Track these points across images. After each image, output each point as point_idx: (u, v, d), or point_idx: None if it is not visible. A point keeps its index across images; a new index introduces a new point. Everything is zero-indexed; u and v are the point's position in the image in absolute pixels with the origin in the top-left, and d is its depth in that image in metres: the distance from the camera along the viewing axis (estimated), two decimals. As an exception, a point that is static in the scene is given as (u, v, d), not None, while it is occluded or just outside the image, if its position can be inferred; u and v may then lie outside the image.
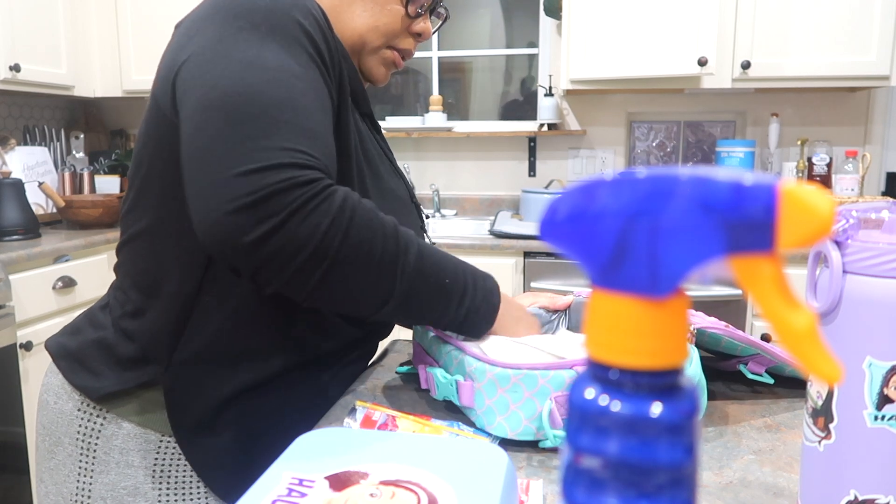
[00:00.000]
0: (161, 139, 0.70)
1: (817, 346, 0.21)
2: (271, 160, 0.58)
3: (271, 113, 0.60)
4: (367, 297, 0.65)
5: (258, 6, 0.66)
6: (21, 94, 2.78)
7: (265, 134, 0.59)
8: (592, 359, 0.24)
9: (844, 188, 2.45)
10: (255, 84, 0.61)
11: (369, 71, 0.84)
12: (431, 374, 0.74)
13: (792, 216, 0.20)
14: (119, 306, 0.77)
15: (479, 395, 0.67)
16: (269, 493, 0.41)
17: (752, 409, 0.76)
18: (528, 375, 0.65)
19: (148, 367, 0.74)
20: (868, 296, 0.44)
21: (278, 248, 0.58)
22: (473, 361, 0.68)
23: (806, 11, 2.35)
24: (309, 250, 0.59)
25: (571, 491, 0.24)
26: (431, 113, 2.93)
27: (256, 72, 0.62)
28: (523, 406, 0.65)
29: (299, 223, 0.58)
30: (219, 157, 0.58)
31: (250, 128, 0.59)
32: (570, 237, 0.24)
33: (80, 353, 0.77)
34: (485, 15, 3.08)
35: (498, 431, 0.66)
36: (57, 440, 0.77)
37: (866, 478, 0.46)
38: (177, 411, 0.74)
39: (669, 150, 2.87)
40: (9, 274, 1.97)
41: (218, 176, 0.57)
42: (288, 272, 0.60)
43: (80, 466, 0.75)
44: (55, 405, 0.77)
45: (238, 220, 0.57)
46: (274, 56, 0.64)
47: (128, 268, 0.77)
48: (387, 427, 0.66)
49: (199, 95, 0.62)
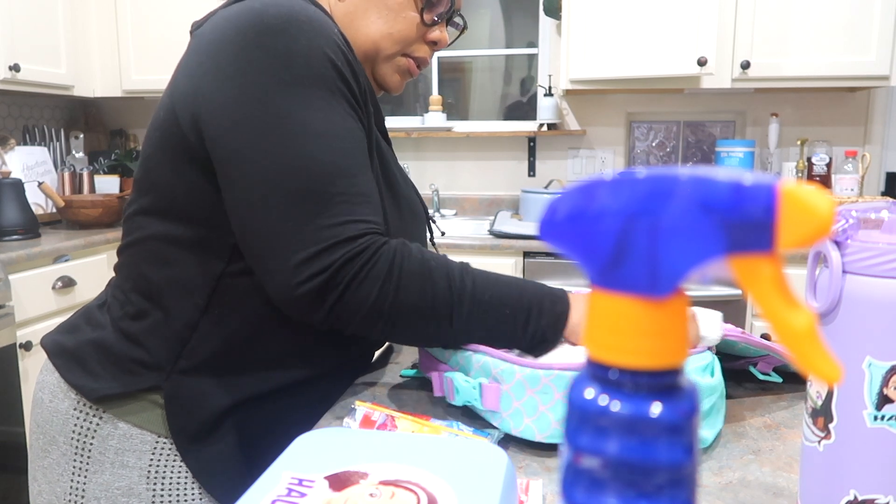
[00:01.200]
0: (176, 156, 0.71)
1: (817, 346, 0.21)
2: (331, 239, 0.64)
3: (328, 188, 0.65)
4: (429, 340, 0.71)
5: (294, 51, 0.65)
6: (21, 94, 2.78)
7: (325, 211, 0.65)
8: (592, 359, 0.24)
9: (844, 188, 2.45)
10: (310, 156, 0.65)
11: (383, 78, 0.84)
12: (450, 379, 0.71)
13: (792, 216, 0.20)
14: (119, 307, 0.76)
15: (506, 397, 0.66)
16: (268, 493, 0.41)
17: (752, 409, 0.76)
18: (560, 376, 0.64)
19: (149, 374, 0.73)
20: (868, 296, 0.44)
21: (341, 315, 0.67)
22: (500, 363, 0.67)
23: (806, 11, 2.35)
24: (363, 314, 0.66)
25: (571, 491, 0.24)
26: (431, 113, 2.93)
27: (310, 141, 0.65)
28: (553, 408, 0.64)
29: (354, 292, 0.65)
30: (287, 241, 0.65)
31: (311, 206, 0.65)
32: (569, 237, 0.24)
33: (77, 352, 0.76)
34: (484, 15, 3.08)
35: (526, 434, 0.66)
36: (51, 439, 0.76)
37: (866, 478, 0.46)
38: (177, 419, 0.73)
39: (669, 150, 2.87)
40: (8, 274, 1.97)
41: (287, 261, 0.65)
42: (354, 327, 0.68)
43: (74, 466, 0.75)
44: (50, 403, 0.77)
45: (309, 298, 0.65)
46: (322, 118, 0.66)
47: (130, 270, 0.76)
48: (386, 427, 0.66)
49: (255, 168, 0.65)
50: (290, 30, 0.66)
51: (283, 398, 0.77)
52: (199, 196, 0.70)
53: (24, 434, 2.05)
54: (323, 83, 0.66)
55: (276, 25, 0.65)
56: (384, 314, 0.67)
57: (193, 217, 0.71)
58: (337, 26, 0.72)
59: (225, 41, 0.66)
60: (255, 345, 0.74)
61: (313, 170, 0.65)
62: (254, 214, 0.66)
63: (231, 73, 0.65)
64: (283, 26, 0.66)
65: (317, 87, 0.66)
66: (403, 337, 0.71)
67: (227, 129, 0.65)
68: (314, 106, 0.66)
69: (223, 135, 0.66)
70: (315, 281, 0.64)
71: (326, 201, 0.65)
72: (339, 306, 0.66)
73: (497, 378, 0.67)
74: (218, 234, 0.71)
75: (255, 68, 0.65)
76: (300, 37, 0.66)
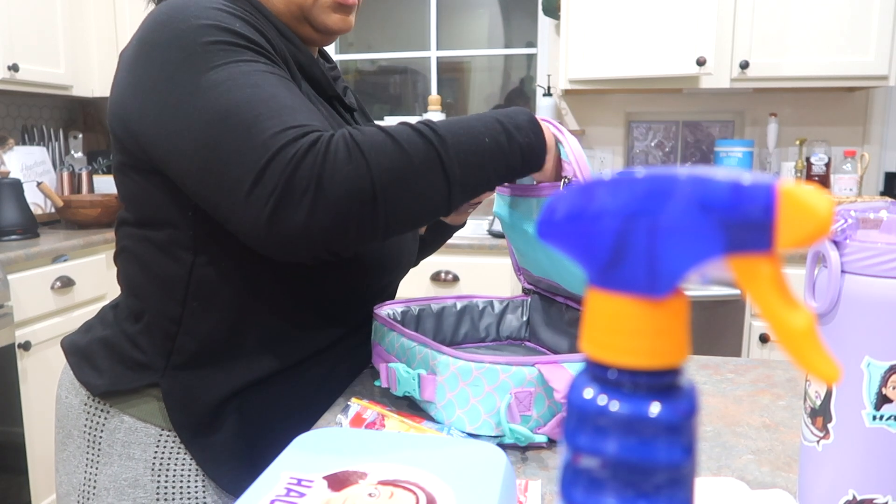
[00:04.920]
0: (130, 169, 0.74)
1: (816, 346, 0.21)
2: (271, 148, 0.59)
3: (250, 115, 0.61)
4: (432, 206, 0.64)
5: (183, 31, 0.66)
6: (19, 94, 2.77)
7: (255, 133, 0.60)
8: (591, 358, 0.24)
9: (843, 188, 2.45)
10: (225, 104, 0.62)
11: (323, 23, 0.80)
12: (393, 370, 0.74)
13: (790, 216, 0.20)
14: (125, 307, 0.80)
15: (441, 388, 0.68)
16: (267, 493, 0.41)
17: (751, 409, 0.76)
18: (490, 370, 0.66)
19: (147, 372, 0.76)
20: (866, 296, 0.44)
21: (325, 222, 0.59)
22: (438, 355, 0.69)
23: (804, 11, 2.35)
24: (347, 206, 0.59)
25: (570, 491, 0.24)
26: (430, 113, 2.93)
27: (221, 92, 0.63)
28: (483, 400, 0.66)
29: (326, 187, 0.59)
30: (232, 179, 0.60)
31: (242, 136, 0.60)
32: (568, 237, 0.24)
33: (87, 350, 0.80)
34: (483, 15, 3.08)
35: (457, 425, 0.67)
36: (68, 433, 0.80)
37: (865, 478, 0.46)
38: (177, 413, 0.75)
39: (668, 150, 2.87)
40: (7, 274, 1.96)
41: (241, 196, 0.60)
42: (350, 232, 0.61)
43: (87, 458, 0.78)
44: (66, 399, 0.81)
45: (280, 220, 0.59)
46: (226, 71, 0.64)
47: (123, 276, 0.80)
48: (375, 426, 0.66)
49: (184, 141, 0.64)
50: (177, 16, 0.67)
51: (281, 382, 0.78)
52: (158, 200, 0.73)
53: (24, 434, 2.04)
54: (217, 47, 0.66)
55: (163, 20, 0.68)
56: (371, 194, 0.60)
57: (157, 220, 0.74)
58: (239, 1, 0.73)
59: (132, 54, 0.70)
60: (241, 332, 0.75)
61: (231, 110, 0.62)
62: (201, 179, 0.63)
63: (140, 78, 0.68)
64: (170, 15, 0.68)
65: (213, 54, 0.65)
66: (407, 214, 0.64)
67: (153, 125, 0.67)
68: (215, 65, 0.64)
69: (152, 131, 0.67)
70: (274, 196, 0.59)
71: (251, 125, 0.61)
72: (318, 212, 0.59)
73: (434, 369, 0.69)
74: (181, 230, 0.73)
75: (157, 63, 0.66)
76: (187, 19, 0.67)
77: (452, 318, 0.95)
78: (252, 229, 0.61)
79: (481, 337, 0.98)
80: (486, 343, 0.98)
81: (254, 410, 0.78)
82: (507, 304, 0.99)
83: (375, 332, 0.83)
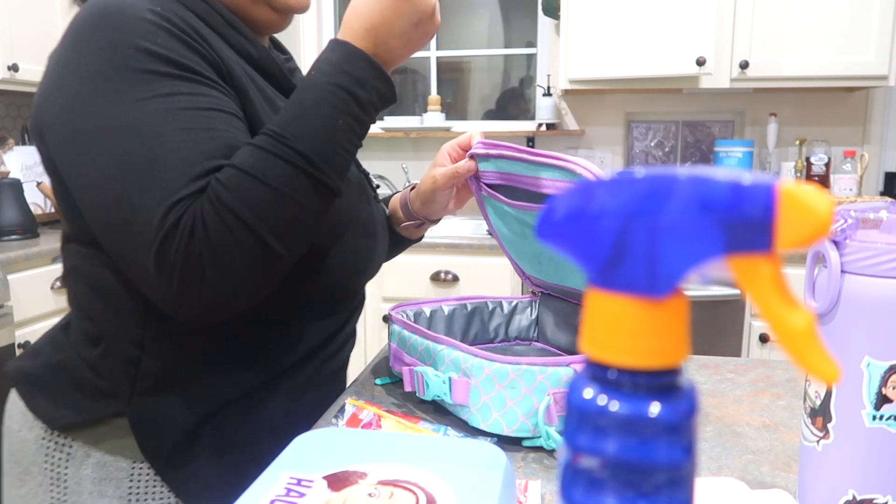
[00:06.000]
0: (58, 181, 0.68)
1: (816, 346, 0.20)
2: (154, 246, 0.58)
3: (139, 183, 0.59)
4: (321, 210, 0.64)
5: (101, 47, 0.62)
6: (19, 94, 2.77)
7: (141, 216, 0.58)
8: (591, 358, 0.24)
9: (843, 188, 2.45)
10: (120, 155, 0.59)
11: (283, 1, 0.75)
12: (421, 374, 0.73)
13: (790, 216, 0.20)
14: (79, 330, 0.73)
15: (475, 391, 0.68)
16: (267, 493, 0.41)
17: (751, 409, 0.76)
18: (528, 371, 0.65)
19: (111, 400, 0.70)
20: (866, 296, 0.44)
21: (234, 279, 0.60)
22: (470, 358, 0.68)
23: (804, 11, 2.35)
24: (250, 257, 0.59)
25: (569, 491, 0.24)
26: (430, 113, 2.93)
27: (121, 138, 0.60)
28: (521, 402, 0.66)
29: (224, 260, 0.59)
30: (133, 260, 0.60)
31: (131, 212, 0.59)
32: (568, 237, 0.24)
33: (39, 378, 0.73)
34: (483, 15, 3.08)
35: (494, 428, 0.67)
36: (25, 469, 0.73)
37: (864, 478, 0.46)
38: (148, 442, 0.70)
39: (668, 150, 2.87)
40: (7, 274, 1.96)
41: (145, 277, 0.59)
42: (263, 279, 0.62)
43: (52, 497, 0.71)
44: (19, 433, 0.74)
45: (189, 300, 0.59)
46: (137, 108, 0.60)
47: (74, 298, 0.74)
48: (371, 426, 0.66)
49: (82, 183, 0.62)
50: (109, 25, 0.62)
51: (257, 399, 0.74)
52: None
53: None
54: (144, 76, 0.61)
55: (84, 28, 0.63)
56: (262, 246, 0.60)
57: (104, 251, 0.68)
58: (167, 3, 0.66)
59: (61, 59, 0.64)
60: (207, 351, 0.70)
61: (131, 168, 0.59)
62: (107, 238, 0.62)
63: (66, 90, 0.63)
64: (93, 24, 0.63)
65: (139, 83, 0.61)
66: (303, 236, 0.63)
67: (67, 147, 0.63)
68: (137, 98, 0.60)
69: (64, 154, 0.63)
70: (175, 282, 0.58)
71: (140, 207, 0.59)
72: (221, 285, 0.59)
73: (466, 372, 0.69)
74: None
75: (71, 74, 0.62)
76: (106, 33, 0.62)
77: (463, 320, 0.95)
78: (167, 306, 0.61)
79: (491, 338, 0.98)
80: (496, 343, 0.98)
81: (231, 431, 0.73)
82: (516, 304, 0.99)
83: (393, 335, 0.83)
